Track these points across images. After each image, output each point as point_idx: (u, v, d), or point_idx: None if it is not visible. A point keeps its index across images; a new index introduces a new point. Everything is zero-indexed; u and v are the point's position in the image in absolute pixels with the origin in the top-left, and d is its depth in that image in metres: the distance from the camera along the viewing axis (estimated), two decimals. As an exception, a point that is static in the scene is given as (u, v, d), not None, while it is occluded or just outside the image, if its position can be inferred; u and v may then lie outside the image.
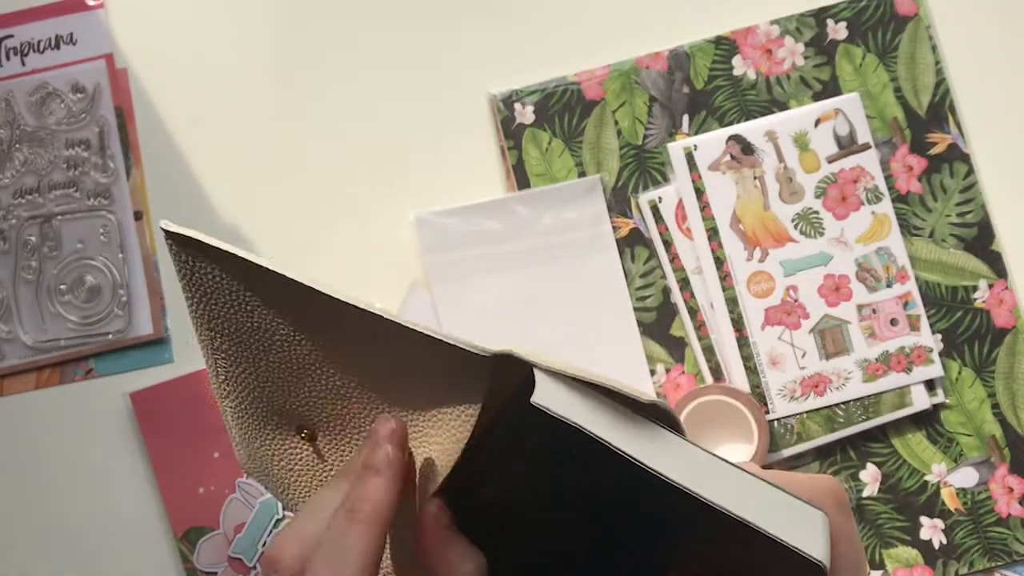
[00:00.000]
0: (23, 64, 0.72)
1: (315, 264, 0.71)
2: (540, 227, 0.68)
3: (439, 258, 0.68)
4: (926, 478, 0.67)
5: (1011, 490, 0.67)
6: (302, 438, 0.37)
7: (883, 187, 0.68)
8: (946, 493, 0.67)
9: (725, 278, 0.67)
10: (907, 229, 0.68)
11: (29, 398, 0.71)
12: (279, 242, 0.71)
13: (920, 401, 0.66)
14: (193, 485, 0.69)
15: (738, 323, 0.67)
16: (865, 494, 0.67)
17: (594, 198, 0.69)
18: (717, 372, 0.68)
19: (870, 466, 0.67)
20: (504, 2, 0.72)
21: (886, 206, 0.68)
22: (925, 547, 0.66)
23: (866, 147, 0.68)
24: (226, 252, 0.30)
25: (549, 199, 0.69)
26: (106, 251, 0.71)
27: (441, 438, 0.34)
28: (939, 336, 0.67)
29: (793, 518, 0.29)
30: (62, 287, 0.70)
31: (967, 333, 0.68)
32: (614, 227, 0.69)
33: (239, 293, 0.32)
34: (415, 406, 0.35)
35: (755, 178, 0.68)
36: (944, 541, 0.66)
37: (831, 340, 0.67)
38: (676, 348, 0.68)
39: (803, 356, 0.66)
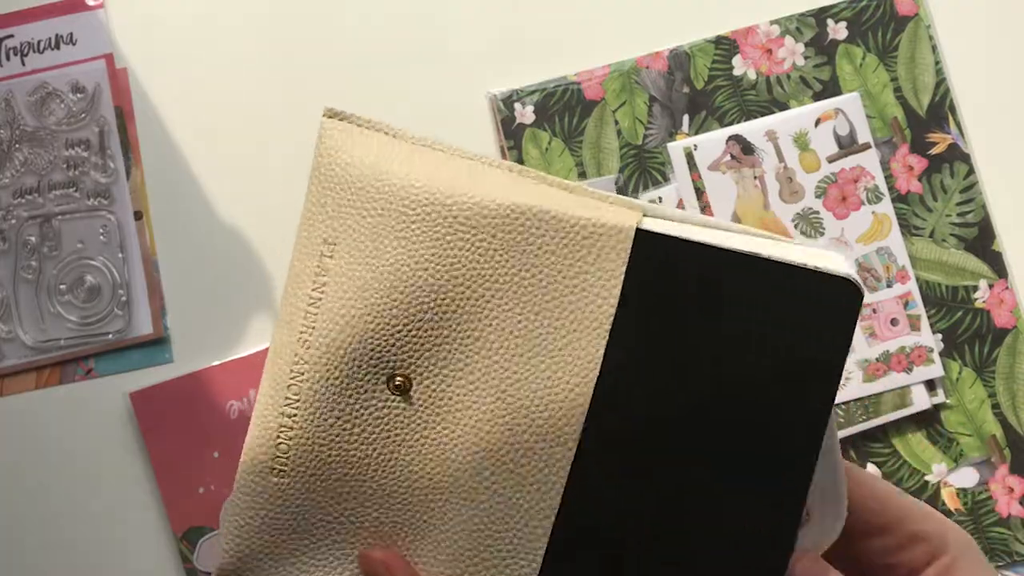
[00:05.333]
0: (23, 64, 0.72)
1: (315, 264, 0.71)
2: None
3: None
4: (926, 478, 0.67)
5: (1012, 490, 0.67)
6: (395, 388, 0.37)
7: (883, 187, 0.68)
8: (946, 493, 0.67)
9: (725, 278, 0.67)
10: (907, 229, 0.68)
11: (29, 398, 0.71)
12: (281, 242, 0.71)
13: (920, 401, 0.66)
14: (193, 485, 0.69)
15: (738, 323, 0.67)
16: (865, 494, 0.67)
17: None
18: (717, 372, 0.68)
19: (870, 466, 0.67)
20: (504, 2, 0.72)
21: (886, 206, 0.68)
22: (925, 547, 0.66)
23: (866, 147, 0.68)
24: None
25: None
26: (106, 251, 0.71)
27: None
28: (939, 336, 0.67)
29: (821, 258, 0.34)
30: (62, 287, 0.70)
31: (967, 333, 0.67)
32: (614, 227, 0.69)
33: None
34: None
35: (755, 178, 0.68)
36: (944, 541, 0.66)
37: (831, 340, 0.67)
38: (676, 348, 0.68)
39: (803, 356, 0.66)
